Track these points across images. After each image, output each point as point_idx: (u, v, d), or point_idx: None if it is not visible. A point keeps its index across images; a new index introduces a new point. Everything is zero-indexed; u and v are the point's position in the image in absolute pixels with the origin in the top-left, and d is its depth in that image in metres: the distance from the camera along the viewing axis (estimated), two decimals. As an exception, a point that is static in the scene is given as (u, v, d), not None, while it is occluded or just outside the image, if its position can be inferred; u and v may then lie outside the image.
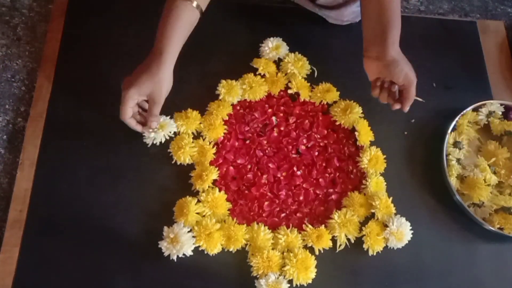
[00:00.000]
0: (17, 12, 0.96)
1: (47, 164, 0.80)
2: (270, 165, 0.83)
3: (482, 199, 0.81)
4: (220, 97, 0.86)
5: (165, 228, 0.75)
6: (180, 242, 0.73)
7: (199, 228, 0.75)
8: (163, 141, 0.82)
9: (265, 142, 0.85)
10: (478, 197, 0.80)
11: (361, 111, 0.86)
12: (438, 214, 0.82)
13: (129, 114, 0.76)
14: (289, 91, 0.88)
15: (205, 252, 0.75)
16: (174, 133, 0.83)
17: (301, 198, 0.81)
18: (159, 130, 0.81)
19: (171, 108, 0.84)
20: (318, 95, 0.88)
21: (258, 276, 0.74)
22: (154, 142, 0.82)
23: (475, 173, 0.82)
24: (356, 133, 0.85)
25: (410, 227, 0.78)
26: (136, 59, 0.90)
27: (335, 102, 0.88)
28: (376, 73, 0.79)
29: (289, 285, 0.73)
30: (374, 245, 0.76)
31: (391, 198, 0.80)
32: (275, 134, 0.85)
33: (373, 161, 0.82)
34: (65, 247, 0.75)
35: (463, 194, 0.82)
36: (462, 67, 0.92)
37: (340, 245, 0.77)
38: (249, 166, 0.82)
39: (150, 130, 0.79)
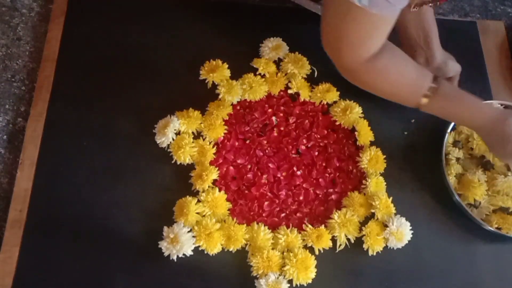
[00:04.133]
0: (17, 12, 0.96)
1: (47, 164, 0.80)
2: (270, 165, 0.83)
3: (477, 198, 0.80)
4: (220, 97, 0.86)
5: (165, 228, 0.75)
6: (180, 242, 0.73)
7: (199, 228, 0.75)
8: (172, 140, 0.81)
9: (265, 142, 0.84)
10: (473, 197, 0.80)
11: (361, 111, 0.86)
12: (438, 214, 0.82)
13: None
14: (289, 91, 0.88)
15: (205, 252, 0.75)
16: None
17: (301, 198, 0.81)
18: None
19: (171, 107, 0.84)
20: (318, 95, 0.88)
21: (258, 276, 0.74)
22: (168, 143, 0.81)
23: (470, 172, 0.82)
24: (356, 133, 0.85)
25: (410, 227, 0.78)
26: (136, 59, 0.91)
27: (335, 102, 0.88)
28: None
29: (289, 285, 0.73)
30: (374, 245, 0.76)
31: (391, 198, 0.80)
32: (275, 134, 0.85)
33: (373, 161, 0.82)
34: (65, 247, 0.75)
35: (460, 195, 0.82)
36: (462, 67, 0.92)
37: (340, 245, 0.77)
38: (249, 166, 0.82)
39: None
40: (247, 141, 0.84)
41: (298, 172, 0.83)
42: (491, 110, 0.75)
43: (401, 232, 0.76)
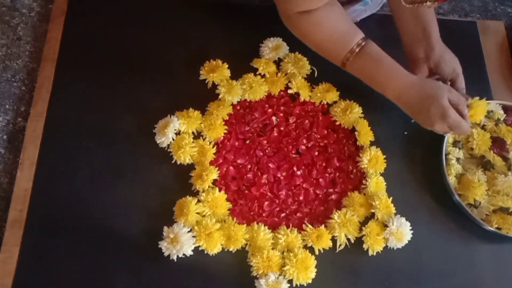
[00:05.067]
0: (17, 12, 0.96)
1: (47, 164, 0.80)
2: (270, 165, 0.83)
3: (477, 198, 0.80)
4: (220, 97, 0.86)
5: (165, 228, 0.75)
6: (180, 242, 0.73)
7: (199, 228, 0.75)
8: (172, 140, 0.82)
9: (265, 142, 0.85)
10: (473, 197, 0.80)
11: (361, 111, 0.86)
12: (438, 214, 0.82)
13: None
14: (289, 91, 0.88)
15: (205, 252, 0.75)
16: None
17: (301, 198, 0.81)
18: None
19: (172, 107, 0.84)
20: (318, 95, 0.88)
21: (258, 276, 0.74)
22: (168, 143, 0.81)
23: (470, 172, 0.82)
24: (356, 133, 0.85)
25: (410, 227, 0.78)
26: (136, 59, 0.91)
27: (335, 102, 0.88)
28: (425, 74, 0.81)
29: (289, 285, 0.73)
30: (374, 245, 0.76)
31: (391, 198, 0.80)
32: (275, 134, 0.85)
33: (373, 161, 0.82)
34: (65, 247, 0.75)
35: (460, 195, 0.82)
36: (462, 67, 0.92)
37: (340, 245, 0.77)
38: (249, 166, 0.82)
39: None
40: (247, 141, 0.84)
41: (298, 172, 0.83)
42: (407, 77, 0.75)
43: (401, 232, 0.76)
